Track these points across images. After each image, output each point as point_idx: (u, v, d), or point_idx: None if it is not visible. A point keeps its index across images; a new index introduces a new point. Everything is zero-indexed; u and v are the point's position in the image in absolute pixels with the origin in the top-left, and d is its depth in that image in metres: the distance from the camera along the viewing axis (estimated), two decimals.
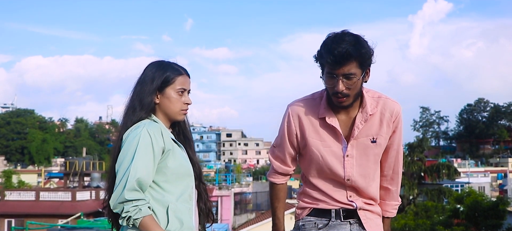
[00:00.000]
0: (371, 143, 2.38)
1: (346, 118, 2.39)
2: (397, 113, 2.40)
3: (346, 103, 2.30)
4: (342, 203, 2.45)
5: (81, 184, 37.82)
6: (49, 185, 51.84)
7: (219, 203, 35.32)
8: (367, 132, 2.37)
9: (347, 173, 2.40)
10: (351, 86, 2.25)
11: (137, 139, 2.16)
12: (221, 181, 41.72)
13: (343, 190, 2.45)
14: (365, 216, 2.46)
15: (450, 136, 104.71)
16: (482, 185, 52.35)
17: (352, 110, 2.38)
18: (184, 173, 2.28)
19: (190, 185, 2.30)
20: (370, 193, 2.47)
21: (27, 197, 32.79)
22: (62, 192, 33.37)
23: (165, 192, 2.22)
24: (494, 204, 23.84)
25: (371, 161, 2.42)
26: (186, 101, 2.36)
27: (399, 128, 2.43)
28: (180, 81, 2.34)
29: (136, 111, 2.28)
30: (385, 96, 2.42)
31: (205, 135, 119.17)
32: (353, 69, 2.23)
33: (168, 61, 2.39)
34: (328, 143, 2.40)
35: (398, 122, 2.41)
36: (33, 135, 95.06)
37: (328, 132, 2.40)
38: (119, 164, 2.16)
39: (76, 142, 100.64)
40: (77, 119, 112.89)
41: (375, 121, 2.38)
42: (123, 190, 2.08)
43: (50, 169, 75.39)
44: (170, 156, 2.24)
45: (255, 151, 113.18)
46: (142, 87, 2.31)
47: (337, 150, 2.39)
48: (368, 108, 2.36)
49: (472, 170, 65.42)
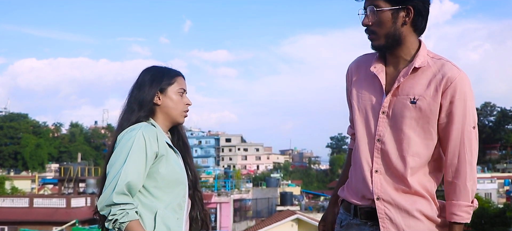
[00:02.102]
0: (410, 104, 2.09)
1: (394, 71, 2.17)
2: (453, 79, 2.04)
3: (375, 42, 2.14)
4: (366, 197, 2.19)
5: (76, 191, 37.80)
6: (43, 191, 51.80)
7: (218, 210, 35.31)
8: (409, 89, 2.10)
9: (379, 130, 2.15)
10: (378, 22, 2.11)
11: (131, 141, 2.17)
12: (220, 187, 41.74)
13: (371, 166, 2.17)
14: (387, 213, 2.14)
15: None
16: (489, 191, 52.29)
17: (402, 62, 2.16)
18: (176, 180, 2.28)
19: (181, 194, 2.29)
20: (407, 173, 2.11)
21: (21, 203, 32.78)
22: (56, 198, 33.37)
23: (154, 198, 2.22)
24: (501, 211, 23.88)
25: (408, 125, 2.10)
26: (187, 102, 2.39)
27: (460, 100, 2.06)
28: (179, 82, 2.37)
29: (135, 113, 2.29)
30: (449, 61, 2.13)
31: (204, 140, 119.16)
32: (380, 2, 2.09)
33: (161, 65, 2.42)
34: (368, 95, 2.21)
35: (455, 91, 2.05)
36: (27, 139, 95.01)
37: (372, 83, 2.21)
38: (111, 166, 2.18)
39: (71, 147, 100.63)
40: (72, 124, 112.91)
41: (423, 80, 2.10)
42: (111, 192, 2.09)
43: (44, 175, 75.38)
44: (163, 161, 2.24)
45: (255, 156, 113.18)
46: (141, 89, 2.32)
47: (375, 104, 2.18)
48: (416, 62, 2.10)
49: (479, 176, 65.07)
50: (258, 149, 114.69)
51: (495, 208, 25.30)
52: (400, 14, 2.10)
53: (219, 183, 45.44)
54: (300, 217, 26.35)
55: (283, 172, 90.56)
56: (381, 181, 2.15)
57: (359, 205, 2.21)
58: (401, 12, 2.09)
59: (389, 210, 2.13)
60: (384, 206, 2.14)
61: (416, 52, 2.14)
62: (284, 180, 72.18)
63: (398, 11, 2.09)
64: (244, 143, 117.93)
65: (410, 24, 2.12)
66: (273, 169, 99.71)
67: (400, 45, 2.14)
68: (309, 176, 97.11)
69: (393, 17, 2.09)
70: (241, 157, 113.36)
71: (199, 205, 2.44)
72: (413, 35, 2.15)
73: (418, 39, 2.18)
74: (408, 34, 2.13)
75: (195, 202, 2.43)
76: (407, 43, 2.14)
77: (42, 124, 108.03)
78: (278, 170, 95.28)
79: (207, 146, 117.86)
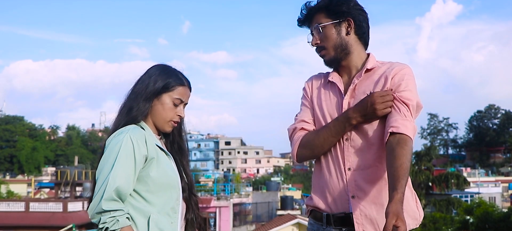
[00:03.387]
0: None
1: (348, 79, 2.41)
2: (398, 69, 2.31)
3: (327, 57, 2.39)
4: (340, 197, 2.29)
5: (73, 194, 37.80)
6: (40, 195, 51.72)
7: (218, 214, 35.28)
8: (365, 88, 2.34)
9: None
10: (324, 37, 2.37)
11: (118, 145, 2.16)
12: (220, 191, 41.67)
13: (343, 169, 2.30)
14: (362, 209, 2.24)
15: (459, 144, 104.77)
16: (493, 195, 52.22)
17: (354, 70, 2.40)
18: (168, 183, 2.27)
19: (173, 197, 2.28)
20: (378, 161, 2.25)
21: (17, 208, 32.75)
22: (53, 202, 33.33)
23: (147, 202, 2.21)
24: (505, 215, 23.79)
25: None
26: (180, 113, 2.36)
27: (405, 81, 2.28)
28: (180, 91, 2.34)
29: (132, 112, 2.28)
30: (397, 61, 2.41)
31: (203, 143, 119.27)
32: (321, 19, 2.37)
33: (174, 68, 2.40)
34: (329, 102, 2.41)
35: (400, 76, 2.29)
36: (23, 143, 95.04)
37: (332, 90, 2.42)
38: (99, 172, 2.17)
39: (67, 150, 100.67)
40: (69, 126, 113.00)
41: (375, 77, 2.35)
42: (100, 200, 2.08)
43: (40, 178, 75.29)
44: (153, 164, 2.23)
45: (255, 159, 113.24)
46: (143, 86, 2.31)
47: (337, 107, 2.38)
48: (368, 65, 2.37)
49: (482, 179, 65.33)
50: (258, 152, 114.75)
51: (500, 212, 25.22)
52: (342, 26, 2.36)
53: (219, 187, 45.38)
54: (301, 222, 26.31)
55: (283, 176, 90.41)
56: (355, 178, 2.28)
57: (332, 213, 2.30)
58: (342, 24, 2.36)
59: (363, 206, 2.24)
60: (360, 203, 2.25)
61: (366, 60, 2.41)
62: (284, 183, 72.09)
63: (340, 24, 2.36)
64: (244, 146, 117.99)
65: (354, 33, 2.38)
66: (274, 173, 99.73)
67: (349, 54, 2.38)
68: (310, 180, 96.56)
69: (336, 29, 2.36)
70: (240, 160, 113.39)
71: (194, 209, 2.43)
72: (359, 44, 2.40)
73: (364, 50, 2.43)
74: (354, 43, 2.38)
75: (190, 205, 2.41)
76: (355, 52, 2.39)
77: (38, 126, 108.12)
78: (279, 174, 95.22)
79: (206, 149, 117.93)
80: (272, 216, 37.33)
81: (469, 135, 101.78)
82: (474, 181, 57.40)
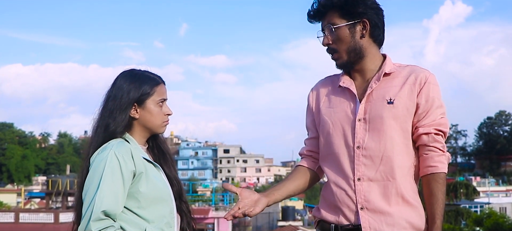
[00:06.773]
0: (387, 104, 2.25)
1: (362, 82, 2.35)
2: (425, 78, 2.26)
3: (339, 61, 2.34)
4: (348, 209, 2.26)
5: (65, 205, 37.75)
6: (30, 205, 51.74)
7: (216, 225, 35.25)
8: (384, 92, 2.27)
9: (357, 137, 2.26)
10: (337, 39, 2.30)
11: (103, 163, 2.13)
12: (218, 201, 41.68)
13: (352, 182, 2.25)
14: (371, 224, 2.20)
15: (468, 152, 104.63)
16: (504, 205, 52.20)
17: (369, 73, 2.34)
18: (160, 197, 2.26)
19: (167, 211, 2.28)
20: (396, 174, 2.21)
21: (6, 219, 32.74)
22: (44, 213, 33.34)
23: (140, 218, 2.21)
24: None
25: (388, 125, 2.23)
26: (167, 112, 2.36)
27: (431, 95, 2.25)
28: (159, 91, 2.34)
29: (110, 128, 2.25)
30: (416, 65, 2.35)
31: (200, 151, 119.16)
32: (335, 19, 2.30)
33: (140, 70, 2.38)
34: (341, 108, 2.34)
35: (428, 88, 2.26)
36: (12, 150, 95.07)
37: (343, 96, 2.36)
38: (85, 193, 2.14)
39: (59, 159, 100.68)
40: (60, 133, 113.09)
41: (396, 82, 2.28)
42: (88, 222, 2.06)
43: (30, 188, 75.37)
44: (142, 179, 2.22)
45: (255, 168, 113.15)
46: (116, 102, 2.27)
47: (350, 113, 2.31)
48: (386, 68, 2.30)
49: (493, 189, 65.29)
50: (258, 160, 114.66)
51: (510, 223, 25.23)
52: (357, 28, 2.30)
53: (217, 196, 45.35)
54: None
55: None
56: (365, 189, 2.23)
57: (340, 224, 2.27)
58: (357, 26, 2.30)
59: (374, 220, 2.21)
60: (369, 216, 2.21)
61: (382, 62, 2.35)
62: None
63: (354, 26, 2.29)
64: (244, 154, 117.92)
65: (369, 36, 2.32)
66: (274, 182, 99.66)
67: (363, 57, 2.33)
68: (313, 190, 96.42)
69: (351, 31, 2.29)
70: (240, 169, 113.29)
71: (187, 215, 2.43)
72: (374, 47, 2.35)
73: (380, 51, 2.38)
74: (368, 46, 2.33)
75: (183, 214, 2.41)
76: (370, 55, 2.34)
77: (28, 133, 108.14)
78: None
79: (204, 157, 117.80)
80: (272, 227, 37.30)
81: (478, 143, 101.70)
82: (484, 191, 57.39)
